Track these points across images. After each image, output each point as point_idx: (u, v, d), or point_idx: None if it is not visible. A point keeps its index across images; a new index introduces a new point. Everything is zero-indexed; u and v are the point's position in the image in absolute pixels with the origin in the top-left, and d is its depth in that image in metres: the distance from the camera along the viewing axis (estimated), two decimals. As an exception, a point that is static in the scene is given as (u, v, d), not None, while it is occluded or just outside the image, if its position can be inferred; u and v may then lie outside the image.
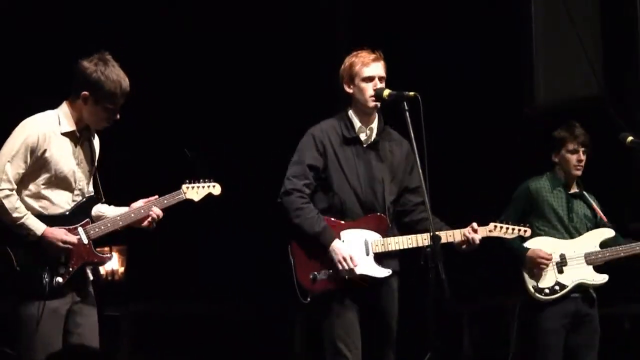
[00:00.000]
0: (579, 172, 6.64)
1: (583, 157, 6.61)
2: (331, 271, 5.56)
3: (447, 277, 5.04)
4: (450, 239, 5.61)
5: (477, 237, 5.65)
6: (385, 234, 5.65)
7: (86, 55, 5.26)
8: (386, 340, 5.71)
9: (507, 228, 5.82)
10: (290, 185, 5.64)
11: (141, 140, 9.15)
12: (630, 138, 6.29)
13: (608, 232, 6.60)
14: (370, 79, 5.70)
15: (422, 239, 5.57)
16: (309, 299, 5.56)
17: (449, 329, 8.46)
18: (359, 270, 5.56)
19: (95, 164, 5.44)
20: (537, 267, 6.49)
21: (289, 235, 5.64)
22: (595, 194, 6.76)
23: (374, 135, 5.76)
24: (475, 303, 8.68)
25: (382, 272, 5.64)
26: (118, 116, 5.29)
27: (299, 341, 9.17)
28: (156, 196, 5.47)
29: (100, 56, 5.24)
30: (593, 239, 6.59)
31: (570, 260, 6.54)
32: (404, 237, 5.62)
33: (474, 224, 5.68)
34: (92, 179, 5.44)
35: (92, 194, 5.42)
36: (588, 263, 6.53)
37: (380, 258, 5.63)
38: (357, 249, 5.60)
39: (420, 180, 5.46)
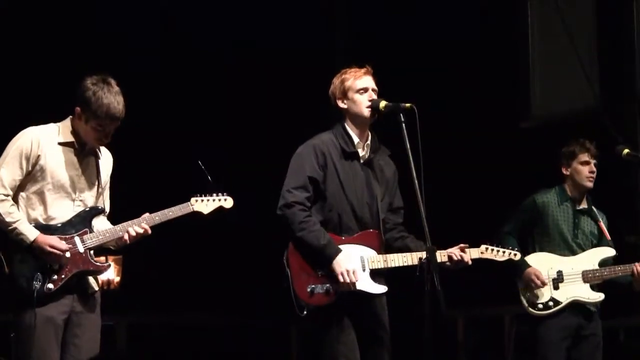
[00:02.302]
0: (590, 184, 6.59)
1: (595, 169, 6.57)
2: (329, 285, 5.53)
3: (443, 287, 5.03)
4: (445, 258, 5.57)
5: (466, 257, 5.65)
6: (379, 250, 5.61)
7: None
8: (385, 356, 5.70)
9: (498, 251, 5.77)
10: (292, 198, 5.52)
11: (154, 151, 9.18)
12: (626, 150, 6.28)
13: (609, 252, 6.58)
14: (364, 90, 5.65)
15: (416, 257, 5.53)
16: (305, 312, 5.49)
17: (444, 338, 8.47)
18: (357, 286, 5.56)
19: (102, 178, 5.43)
20: (531, 285, 6.52)
21: (285, 246, 5.57)
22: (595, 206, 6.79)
23: (369, 152, 5.75)
24: (471, 311, 8.69)
25: (378, 289, 5.60)
26: (108, 139, 5.28)
27: (295, 353, 9.18)
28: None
29: (103, 77, 5.21)
30: (593, 257, 6.57)
31: (567, 277, 6.53)
32: (399, 255, 5.58)
33: (462, 245, 5.65)
34: (99, 193, 5.44)
35: (96, 205, 5.41)
36: (585, 281, 6.52)
37: (374, 275, 5.62)
38: (355, 265, 5.60)
39: (401, 202, 5.66)
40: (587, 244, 6.62)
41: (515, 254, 5.81)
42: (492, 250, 5.78)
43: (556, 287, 6.53)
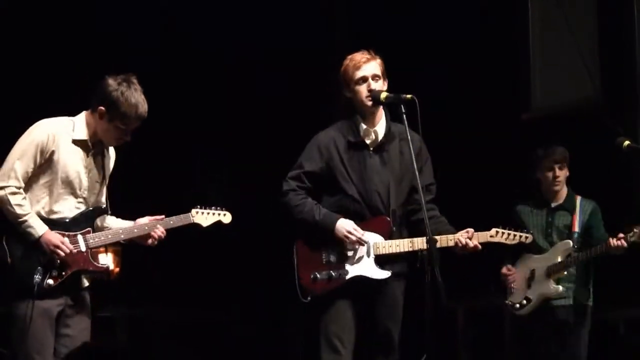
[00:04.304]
0: (557, 187, 6.82)
1: (559, 173, 6.78)
2: (331, 272, 5.59)
3: (443, 279, 5.04)
4: (451, 243, 5.64)
5: (472, 243, 5.66)
6: (388, 236, 5.67)
7: (112, 72, 5.35)
8: (387, 345, 5.71)
9: (509, 234, 5.84)
10: (286, 187, 5.77)
11: (154, 150, 9.18)
12: (626, 143, 6.30)
13: (566, 244, 6.72)
14: (363, 80, 5.73)
15: (422, 242, 5.56)
16: (309, 299, 5.62)
17: (445, 329, 8.46)
18: (357, 271, 5.59)
19: (107, 177, 5.49)
20: (504, 284, 6.80)
21: (294, 235, 5.72)
22: (595, 198, 6.84)
23: (380, 137, 5.77)
24: (471, 302, 8.70)
25: (381, 274, 5.65)
26: (129, 138, 5.36)
27: (298, 345, 9.18)
28: (163, 216, 5.53)
29: (126, 77, 5.32)
30: (556, 253, 6.75)
31: (537, 275, 6.76)
32: (405, 240, 5.65)
33: (470, 229, 5.71)
34: (101, 191, 5.48)
35: (100, 204, 5.45)
36: (547, 276, 6.70)
37: (382, 261, 5.64)
38: (359, 251, 5.64)
39: (431, 178, 5.79)
40: (564, 238, 6.78)
41: (526, 237, 5.88)
42: (503, 233, 5.80)
43: (529, 286, 6.77)
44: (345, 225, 5.61)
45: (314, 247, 5.69)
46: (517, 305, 6.78)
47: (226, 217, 5.70)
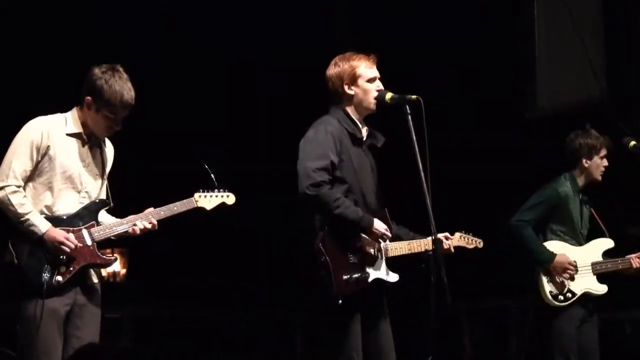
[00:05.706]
0: (601, 178, 6.71)
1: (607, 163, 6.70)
2: (359, 274, 5.42)
3: (449, 279, 5.02)
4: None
5: (451, 245, 5.69)
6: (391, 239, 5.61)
7: (100, 63, 5.30)
8: (390, 345, 5.67)
9: (469, 239, 5.86)
10: (320, 177, 5.40)
11: (155, 150, 9.17)
12: (632, 143, 6.30)
13: (609, 243, 6.67)
14: (373, 79, 5.66)
15: (430, 244, 5.49)
16: (340, 302, 5.34)
17: (450, 330, 8.46)
18: (376, 274, 5.52)
19: (107, 170, 5.45)
20: (563, 273, 6.55)
21: (318, 234, 5.45)
22: (597, 198, 6.82)
23: (366, 138, 5.72)
24: (476, 303, 8.69)
25: (392, 278, 5.59)
26: (119, 127, 5.30)
27: (300, 345, 9.18)
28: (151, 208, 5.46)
29: (111, 66, 5.26)
30: (597, 249, 6.67)
31: (580, 268, 6.60)
32: (414, 242, 5.59)
33: (447, 234, 5.70)
34: (103, 185, 5.44)
35: (102, 197, 5.42)
36: (593, 273, 6.60)
37: (391, 263, 5.57)
38: (376, 253, 5.55)
39: None
40: (585, 233, 6.72)
41: (480, 242, 5.87)
42: (466, 238, 5.84)
43: (572, 279, 6.58)
44: (380, 226, 5.47)
45: (341, 246, 5.43)
46: (561, 297, 6.55)
47: (230, 199, 5.58)
